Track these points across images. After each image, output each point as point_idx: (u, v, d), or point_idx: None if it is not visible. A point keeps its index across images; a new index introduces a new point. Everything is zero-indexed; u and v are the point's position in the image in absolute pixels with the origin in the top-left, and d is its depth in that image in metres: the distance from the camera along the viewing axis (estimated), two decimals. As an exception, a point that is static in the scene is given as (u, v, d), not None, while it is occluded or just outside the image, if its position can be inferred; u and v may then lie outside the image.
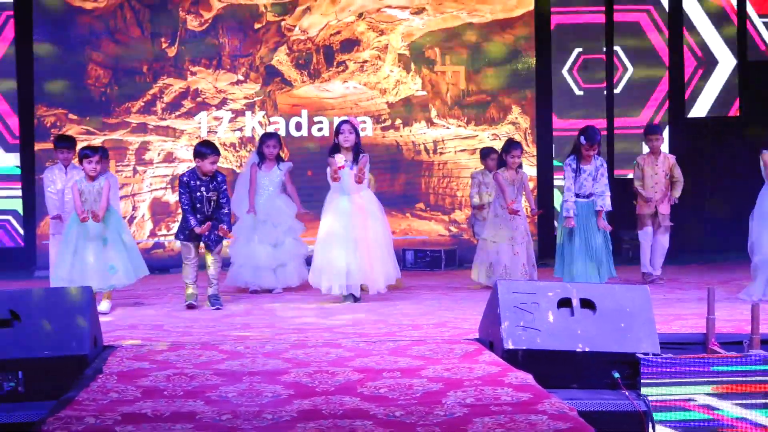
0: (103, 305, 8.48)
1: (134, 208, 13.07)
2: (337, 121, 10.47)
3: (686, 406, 5.64)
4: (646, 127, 10.79)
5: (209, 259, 8.88)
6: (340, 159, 8.57)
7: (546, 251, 11.82)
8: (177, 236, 9.03)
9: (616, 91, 13.02)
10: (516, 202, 9.59)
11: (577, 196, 9.09)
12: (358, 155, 8.68)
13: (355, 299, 8.76)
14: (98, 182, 8.51)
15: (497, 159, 10.23)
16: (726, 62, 12.81)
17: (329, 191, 8.89)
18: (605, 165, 9.30)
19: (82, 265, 8.37)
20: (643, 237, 10.28)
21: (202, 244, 8.91)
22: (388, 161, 13.27)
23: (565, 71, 13.08)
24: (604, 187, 9.13)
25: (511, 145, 9.94)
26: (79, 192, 8.42)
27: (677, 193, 10.14)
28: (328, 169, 8.71)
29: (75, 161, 9.66)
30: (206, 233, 8.70)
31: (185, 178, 8.82)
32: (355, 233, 8.60)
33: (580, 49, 13.05)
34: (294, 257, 10.15)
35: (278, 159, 10.28)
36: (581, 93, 13.10)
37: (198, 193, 8.72)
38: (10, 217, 12.56)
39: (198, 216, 8.70)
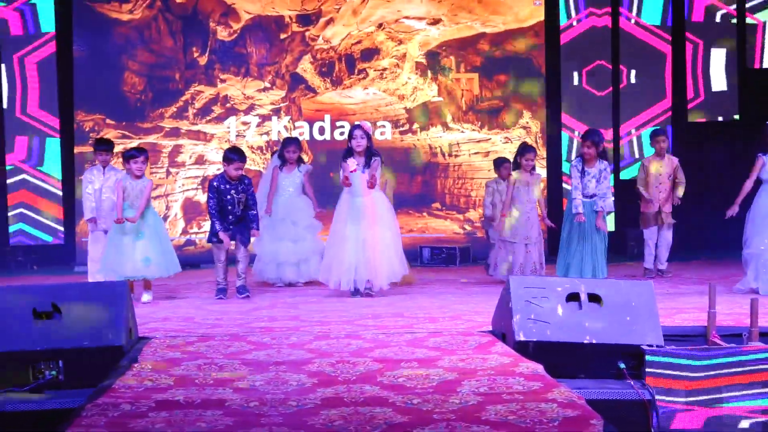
0: (145, 297, 8.63)
1: (167, 208, 13.11)
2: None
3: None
4: (652, 130, 10.72)
5: (239, 255, 8.95)
6: (351, 163, 8.54)
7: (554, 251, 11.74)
8: (209, 239, 9.01)
9: (622, 96, 12.96)
10: (530, 203, 9.57)
11: (585, 197, 9.05)
12: (371, 159, 8.65)
13: (361, 294, 8.72)
14: (142, 181, 8.62)
15: (512, 163, 10.17)
16: (726, 68, 12.75)
17: (343, 191, 8.85)
18: (609, 169, 9.25)
19: (118, 256, 8.48)
20: (648, 236, 10.26)
21: (232, 243, 8.95)
22: (406, 163, 13.27)
23: (573, 78, 13.02)
24: (606, 190, 9.11)
25: (525, 148, 9.95)
26: (122, 189, 8.50)
27: (680, 193, 10.10)
28: (341, 173, 8.72)
29: (112, 163, 9.70)
30: (238, 234, 8.82)
31: (215, 183, 8.87)
32: (363, 233, 8.56)
33: (588, 58, 13.00)
34: (315, 253, 10.03)
35: (298, 162, 10.27)
36: (589, 98, 13.05)
37: (228, 196, 8.77)
38: (45, 216, 12.59)
39: (230, 217, 8.80)
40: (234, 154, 8.89)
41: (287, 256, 10.03)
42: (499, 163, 10.81)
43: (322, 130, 13.52)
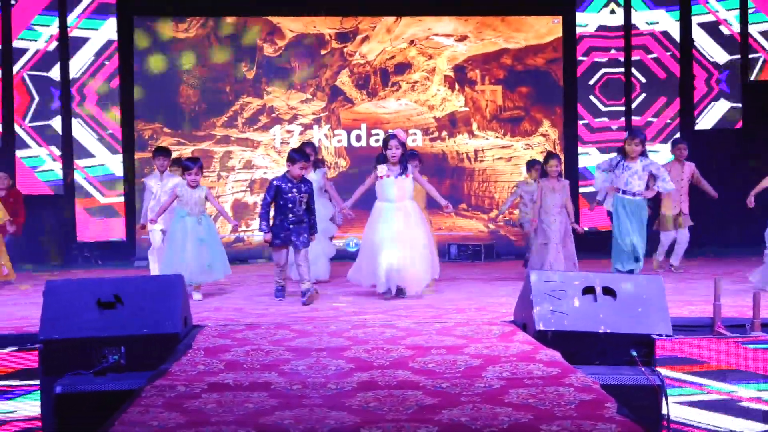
0: (196, 296, 8.40)
1: (219, 208, 13.15)
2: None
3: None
4: (673, 139, 10.62)
5: (299, 259, 8.26)
6: (381, 170, 8.17)
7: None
8: (272, 243, 8.31)
9: (633, 106, 12.88)
10: (559, 206, 9.38)
11: (624, 192, 8.82)
12: (406, 167, 8.22)
13: (394, 296, 8.20)
14: (199, 190, 8.40)
15: (540, 169, 10.03)
16: (730, 81, 12.64)
17: (377, 200, 8.34)
18: (654, 163, 8.99)
19: (182, 262, 8.17)
20: (666, 237, 10.22)
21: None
22: (435, 168, 13.24)
23: (589, 90, 12.95)
24: (666, 175, 8.86)
25: (551, 156, 9.71)
26: (177, 196, 8.38)
27: (711, 189, 10.19)
28: (373, 175, 8.27)
29: (170, 169, 9.70)
30: (294, 235, 8.18)
31: (275, 182, 8.26)
32: (396, 238, 8.06)
33: (603, 71, 12.92)
34: (324, 255, 9.77)
35: (315, 164, 9.76)
36: (603, 109, 12.97)
37: (290, 195, 8.15)
38: (115, 214, 12.68)
39: (290, 216, 8.14)
40: (297, 154, 8.27)
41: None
42: (531, 164, 10.71)
43: (358, 138, 13.54)
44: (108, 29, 12.58)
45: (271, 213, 8.29)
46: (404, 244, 8.05)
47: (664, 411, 5.29)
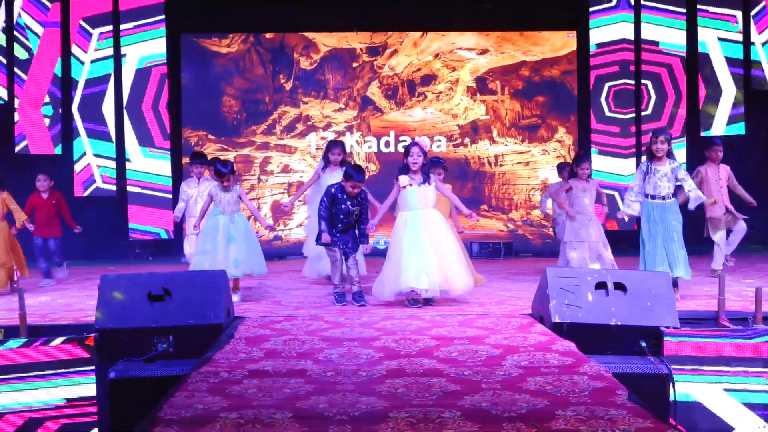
0: (234, 297, 8.15)
1: (258, 209, 13.19)
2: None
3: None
4: (708, 141, 9.79)
5: (348, 263, 7.84)
6: (403, 180, 7.54)
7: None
8: (316, 241, 7.98)
9: (644, 113, 12.78)
10: (589, 207, 8.92)
11: (653, 197, 7.58)
12: (428, 176, 7.56)
13: (415, 303, 7.49)
14: (233, 192, 8.22)
15: (569, 171, 9.67)
16: (734, 90, 12.51)
17: (399, 210, 7.78)
18: (680, 168, 7.72)
19: (210, 257, 7.96)
20: (720, 239, 9.18)
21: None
22: (458, 172, 13.21)
23: (601, 99, 12.88)
24: (694, 186, 7.67)
25: (581, 158, 9.20)
26: (211, 197, 8.28)
27: (747, 195, 9.33)
28: (396, 186, 7.63)
29: (206, 174, 9.66)
30: (342, 243, 7.77)
31: (333, 189, 7.83)
32: (423, 246, 7.34)
33: (614, 82, 12.84)
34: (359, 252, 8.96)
35: (342, 164, 9.12)
36: (614, 117, 12.88)
37: (343, 205, 7.72)
38: (164, 214, 12.75)
39: (339, 225, 7.75)
40: (354, 172, 7.75)
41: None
42: (562, 167, 10.42)
43: (387, 144, 13.55)
44: (158, 45, 12.63)
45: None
46: (433, 251, 7.35)
47: (672, 398, 5.26)
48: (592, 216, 9.00)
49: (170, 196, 12.71)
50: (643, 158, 7.93)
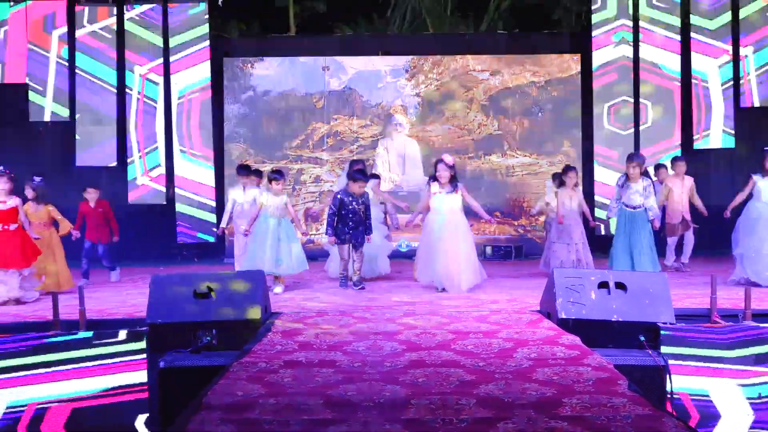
0: (277, 289, 8.38)
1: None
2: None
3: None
4: (673, 157, 10.37)
5: (354, 256, 8.60)
6: (434, 187, 8.11)
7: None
8: (336, 242, 8.63)
9: (642, 127, 12.67)
10: (573, 212, 9.23)
11: (626, 206, 8.64)
12: (456, 186, 8.14)
13: (446, 290, 8.00)
14: (282, 197, 8.40)
15: (558, 180, 9.79)
16: (725, 106, 12.39)
17: (429, 213, 8.27)
18: (652, 184, 8.76)
19: (260, 255, 8.19)
20: (671, 241, 10.00)
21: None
22: (473, 182, 13.18)
23: (603, 115, 12.78)
24: (654, 202, 8.68)
25: (568, 168, 9.53)
26: (263, 203, 8.35)
27: (702, 206, 9.94)
28: (424, 195, 8.30)
29: (242, 181, 9.69)
30: (353, 239, 8.49)
31: (339, 195, 8.54)
32: (446, 245, 7.97)
33: (614, 100, 12.74)
34: (382, 251, 9.55)
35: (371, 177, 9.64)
36: (615, 132, 12.78)
37: (350, 207, 8.40)
38: (208, 220, 12.82)
39: (350, 223, 8.46)
40: (360, 174, 8.51)
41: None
42: (555, 176, 10.43)
43: (408, 156, 13.59)
44: (204, 69, 12.70)
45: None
46: (453, 253, 7.95)
47: (668, 387, 5.23)
48: (577, 219, 9.29)
49: (214, 203, 12.78)
50: (621, 175, 8.88)
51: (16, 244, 7.86)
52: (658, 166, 10.87)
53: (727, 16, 12.33)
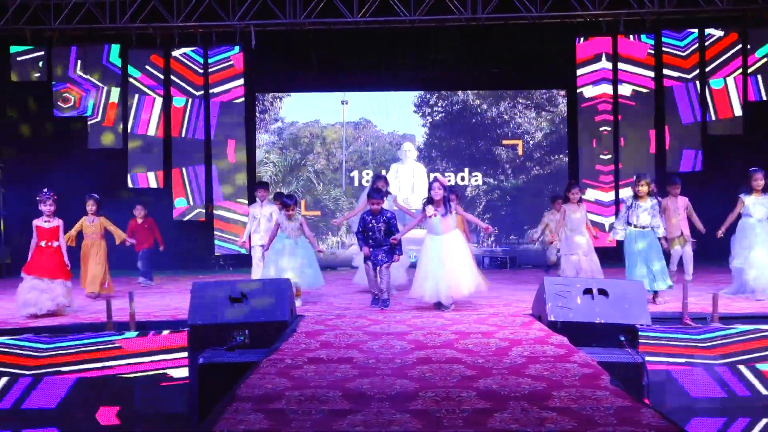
0: (297, 302, 8.17)
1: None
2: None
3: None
4: (670, 179, 9.92)
5: (380, 274, 7.72)
6: (429, 210, 7.36)
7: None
8: (360, 246, 7.89)
9: (621, 154, 12.62)
10: (579, 224, 8.80)
11: (635, 226, 7.69)
12: (449, 205, 7.38)
13: (442, 307, 7.19)
14: (295, 220, 8.08)
15: (564, 196, 9.55)
16: (696, 129, 12.34)
17: (426, 232, 7.55)
18: (656, 206, 7.79)
19: (279, 270, 7.83)
20: (675, 254, 9.18)
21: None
22: (475, 202, 13.17)
23: (587, 139, 12.70)
24: (661, 221, 7.86)
25: (572, 185, 9.16)
26: (277, 224, 8.24)
27: (699, 223, 9.18)
28: (422, 215, 7.51)
29: (260, 197, 9.46)
30: (374, 256, 7.69)
31: (363, 214, 7.88)
32: (443, 263, 7.21)
33: (598, 126, 12.68)
34: (401, 265, 8.78)
35: (386, 193, 8.80)
36: (600, 155, 12.71)
37: (371, 224, 7.70)
38: (240, 234, 12.83)
39: (371, 241, 7.71)
40: (374, 193, 7.83)
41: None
42: (554, 198, 10.32)
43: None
44: (239, 103, 12.75)
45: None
46: (447, 270, 7.20)
47: (645, 382, 5.21)
48: (583, 231, 8.88)
49: (246, 217, 12.79)
50: (630, 195, 8.01)
51: (60, 259, 7.83)
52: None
53: (695, 58, 12.33)
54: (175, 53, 12.56)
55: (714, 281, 9.20)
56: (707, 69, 12.26)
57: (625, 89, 12.49)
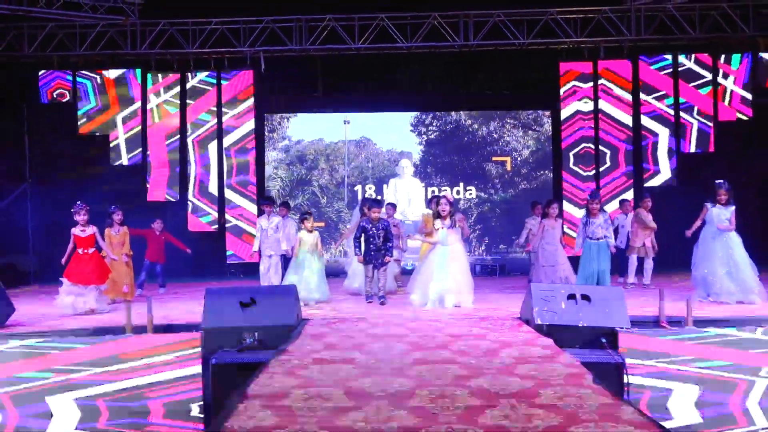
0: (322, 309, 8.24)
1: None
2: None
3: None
4: (642, 194, 10.23)
5: (378, 275, 8.22)
6: (438, 223, 7.79)
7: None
8: (363, 261, 8.26)
9: (601, 169, 12.64)
10: (555, 238, 9.04)
11: (590, 239, 8.26)
12: (454, 220, 7.82)
13: (443, 304, 7.60)
14: (314, 235, 8.36)
15: (542, 212, 9.65)
16: (671, 147, 12.37)
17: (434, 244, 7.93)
18: (609, 218, 8.50)
19: (297, 284, 8.02)
20: (632, 261, 9.77)
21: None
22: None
23: (570, 157, 12.72)
24: (610, 234, 8.38)
25: (551, 202, 9.39)
26: (299, 239, 8.29)
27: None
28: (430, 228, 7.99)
29: (267, 211, 9.44)
30: (374, 260, 8.10)
31: (362, 224, 8.25)
32: (448, 269, 7.61)
33: (579, 146, 12.70)
34: (390, 274, 9.04)
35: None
36: (578, 173, 12.73)
37: (370, 232, 8.11)
38: (247, 243, 12.82)
39: (371, 246, 8.10)
40: (371, 201, 8.38)
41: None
42: (533, 204, 10.44)
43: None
44: (249, 122, 12.77)
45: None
46: (452, 276, 7.63)
47: (625, 380, 5.19)
48: (559, 245, 9.11)
49: (254, 230, 12.79)
50: (583, 212, 8.61)
51: (94, 265, 8.01)
52: (623, 201, 10.88)
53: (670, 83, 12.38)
54: (191, 78, 12.58)
55: (679, 288, 9.21)
56: (681, 93, 12.32)
57: (605, 108, 12.53)
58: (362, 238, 8.23)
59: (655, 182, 12.36)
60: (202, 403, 5.57)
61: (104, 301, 8.14)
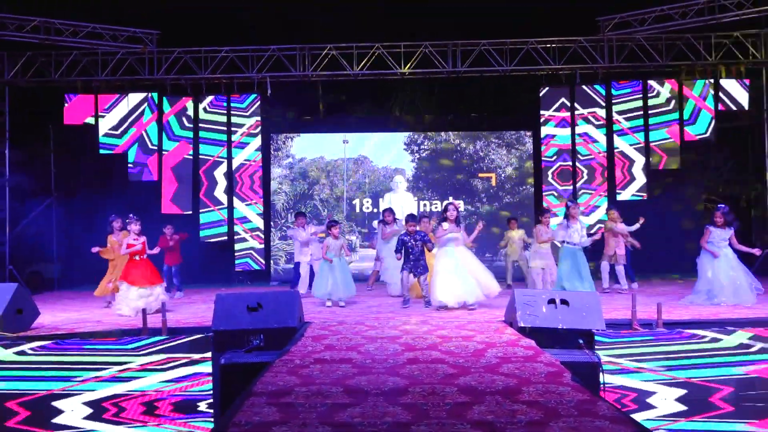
0: (329, 303, 8.42)
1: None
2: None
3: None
4: (608, 207, 10.37)
5: (420, 281, 8.11)
6: (445, 225, 7.87)
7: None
8: (402, 269, 8.22)
9: (578, 185, 12.67)
10: (546, 244, 9.17)
11: (569, 243, 8.49)
12: (459, 223, 7.95)
13: (468, 306, 7.65)
14: (340, 240, 8.41)
15: (536, 219, 9.78)
16: (640, 163, 12.40)
17: (439, 246, 8.02)
18: (585, 226, 8.82)
19: (326, 285, 8.32)
20: (604, 268, 9.84)
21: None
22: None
23: (549, 174, 12.75)
24: (588, 238, 8.62)
25: (544, 211, 9.62)
26: (327, 246, 8.39)
27: (636, 242, 9.77)
28: (436, 232, 8.07)
29: (302, 223, 9.86)
30: (413, 269, 8.05)
31: (402, 237, 8.19)
32: (459, 269, 7.70)
33: (558, 164, 12.72)
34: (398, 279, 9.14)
35: (395, 221, 9.82)
36: (558, 187, 12.75)
37: (409, 244, 8.06)
38: (254, 252, 12.78)
39: (410, 257, 8.04)
40: (408, 217, 8.27)
41: (394, 278, 9.37)
42: (509, 219, 10.70)
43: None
44: (256, 142, 12.78)
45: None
46: (461, 275, 7.70)
47: (601, 379, 5.17)
48: (548, 248, 9.27)
49: (263, 239, 12.77)
50: (562, 220, 8.80)
51: (152, 269, 8.33)
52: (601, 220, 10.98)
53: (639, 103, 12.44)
54: (203, 101, 12.59)
55: (656, 293, 9.20)
56: (650, 114, 12.38)
57: (582, 128, 12.57)
58: (403, 251, 8.12)
59: (626, 195, 12.38)
60: (211, 400, 5.53)
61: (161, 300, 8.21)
